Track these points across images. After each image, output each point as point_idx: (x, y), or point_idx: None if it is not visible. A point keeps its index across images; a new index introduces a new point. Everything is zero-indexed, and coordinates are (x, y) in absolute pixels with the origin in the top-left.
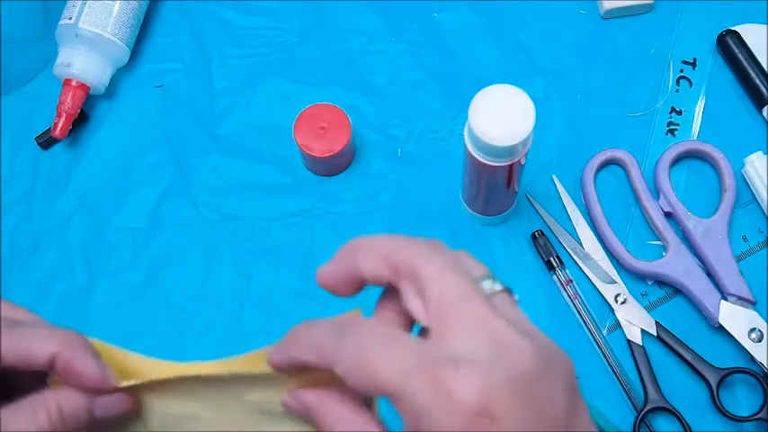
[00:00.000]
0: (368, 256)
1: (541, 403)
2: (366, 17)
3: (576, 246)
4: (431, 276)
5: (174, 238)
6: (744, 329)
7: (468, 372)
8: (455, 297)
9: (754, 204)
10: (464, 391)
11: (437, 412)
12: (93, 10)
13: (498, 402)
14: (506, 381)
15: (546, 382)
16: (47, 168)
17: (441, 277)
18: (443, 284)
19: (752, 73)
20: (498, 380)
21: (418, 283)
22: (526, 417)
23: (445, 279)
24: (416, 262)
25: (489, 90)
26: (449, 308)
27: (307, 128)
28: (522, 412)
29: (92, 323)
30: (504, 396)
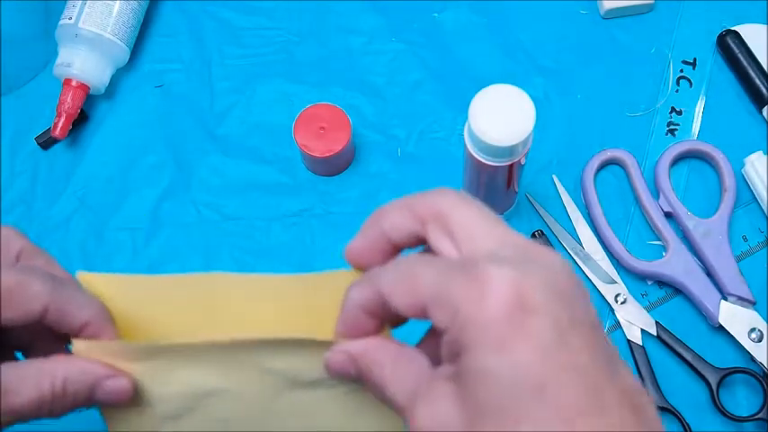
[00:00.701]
0: (391, 215)
1: (576, 307)
2: (366, 17)
3: (576, 246)
4: (453, 210)
5: (174, 238)
6: (744, 329)
7: (503, 265)
8: (481, 222)
9: (754, 204)
10: (498, 282)
11: (471, 305)
12: (93, 10)
13: (533, 296)
14: (540, 279)
15: (578, 290)
16: (47, 168)
17: (463, 209)
18: (467, 214)
19: (752, 73)
20: (533, 276)
21: (442, 220)
22: (562, 315)
23: (468, 209)
24: (437, 203)
25: (489, 90)
26: (478, 232)
27: (307, 128)
28: (557, 309)
29: None
30: (538, 291)
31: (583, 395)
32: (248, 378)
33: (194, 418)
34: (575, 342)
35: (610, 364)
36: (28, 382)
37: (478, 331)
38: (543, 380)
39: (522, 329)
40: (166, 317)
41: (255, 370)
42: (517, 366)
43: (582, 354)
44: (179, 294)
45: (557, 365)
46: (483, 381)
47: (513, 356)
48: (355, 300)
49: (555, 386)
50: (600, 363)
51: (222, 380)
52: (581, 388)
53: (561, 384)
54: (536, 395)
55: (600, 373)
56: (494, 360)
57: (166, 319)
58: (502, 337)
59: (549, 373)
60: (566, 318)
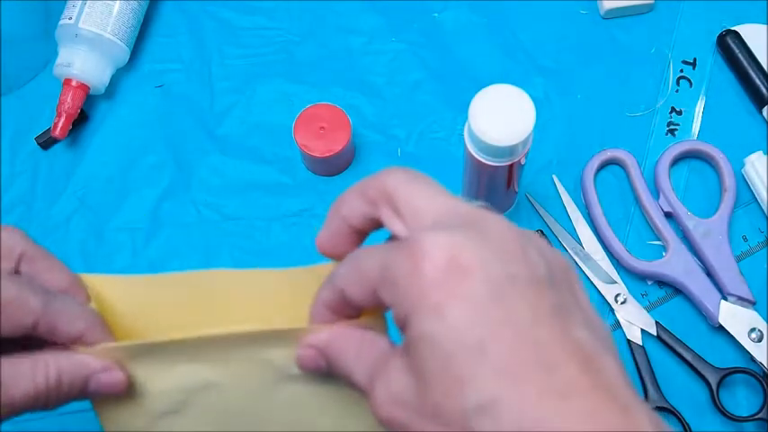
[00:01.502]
0: (348, 202)
1: (518, 264)
2: (366, 17)
3: (576, 246)
4: (398, 188)
5: (174, 238)
6: (744, 329)
7: (437, 232)
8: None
9: (754, 204)
10: (430, 248)
11: (408, 276)
12: (93, 10)
13: (466, 257)
14: (477, 240)
15: (520, 246)
16: (47, 168)
17: (407, 185)
18: (410, 190)
19: (752, 73)
20: (468, 239)
21: (390, 200)
22: (499, 273)
23: (411, 185)
24: (383, 183)
25: (489, 90)
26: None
27: (307, 128)
28: (494, 268)
29: None
30: (472, 252)
31: (524, 352)
32: (242, 371)
33: (189, 412)
34: (515, 299)
35: (559, 321)
36: (23, 375)
37: (416, 299)
38: (481, 339)
39: (457, 291)
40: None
41: (249, 363)
42: (454, 328)
43: (523, 310)
44: (176, 292)
45: (495, 323)
46: (425, 347)
47: (448, 319)
48: (319, 300)
49: (495, 345)
50: (546, 319)
51: (216, 373)
52: (522, 344)
53: (501, 342)
54: (476, 356)
55: (545, 329)
56: (431, 325)
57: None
58: (437, 302)
59: (487, 331)
60: (503, 275)
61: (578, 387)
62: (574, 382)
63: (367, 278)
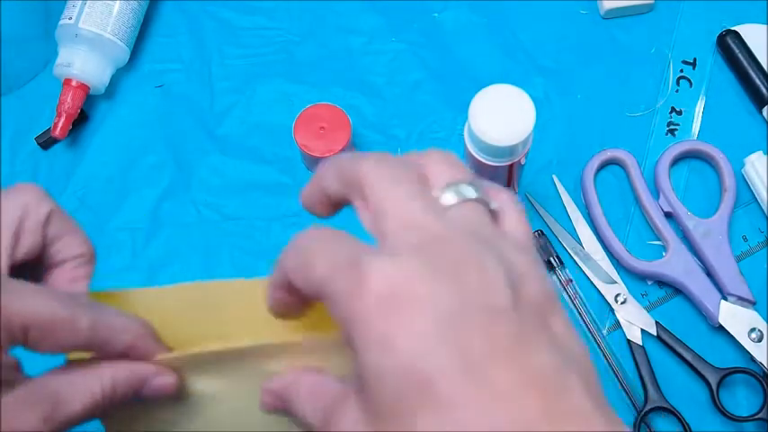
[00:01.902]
0: (328, 175)
1: (472, 290)
2: (366, 17)
3: (576, 246)
4: (372, 185)
5: (174, 238)
6: (744, 329)
7: (387, 256)
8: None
9: (754, 204)
10: (376, 276)
11: (353, 302)
12: (93, 10)
13: (413, 287)
14: (429, 266)
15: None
16: (47, 168)
17: (380, 183)
18: (382, 190)
19: (752, 73)
20: (420, 264)
21: (363, 193)
22: (450, 302)
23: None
24: (360, 175)
25: (489, 90)
26: (388, 209)
27: (307, 128)
28: (445, 296)
29: None
30: (421, 280)
31: (474, 387)
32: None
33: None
34: (466, 331)
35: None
36: (79, 388)
37: (362, 330)
38: (428, 374)
39: (403, 323)
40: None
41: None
42: (401, 363)
43: (475, 342)
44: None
45: (443, 358)
46: (374, 383)
47: (395, 352)
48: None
49: (443, 381)
50: (501, 349)
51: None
52: (472, 379)
53: (449, 378)
54: (423, 391)
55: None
56: (377, 359)
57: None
58: (383, 334)
59: (434, 366)
60: (455, 306)
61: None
62: (528, 412)
63: (311, 279)
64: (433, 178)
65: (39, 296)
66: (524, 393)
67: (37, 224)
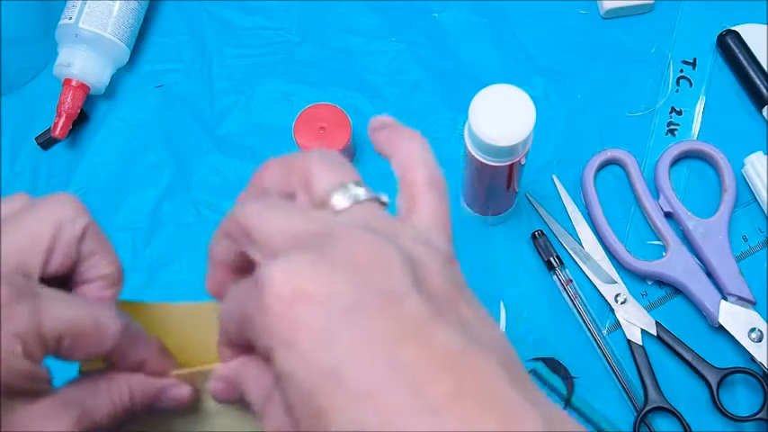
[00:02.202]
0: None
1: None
2: (366, 17)
3: (576, 246)
4: (250, 219)
5: (174, 238)
6: (744, 329)
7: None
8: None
9: (754, 204)
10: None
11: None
12: (93, 10)
13: (309, 281)
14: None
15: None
16: (47, 168)
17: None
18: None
19: (752, 73)
20: (310, 261)
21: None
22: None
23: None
24: (237, 217)
25: (489, 90)
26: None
27: (307, 128)
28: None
29: None
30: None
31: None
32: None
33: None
34: (368, 318)
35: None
36: (102, 398)
37: (268, 334)
38: (336, 367)
39: (303, 320)
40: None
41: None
42: (306, 360)
43: (379, 328)
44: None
45: (347, 347)
46: (286, 384)
47: (299, 351)
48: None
49: (351, 370)
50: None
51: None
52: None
53: (357, 366)
54: (333, 385)
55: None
56: (285, 360)
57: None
58: (287, 334)
59: (340, 357)
60: (353, 296)
61: (449, 398)
62: (444, 393)
63: (234, 317)
64: (318, 183)
65: (72, 304)
66: (437, 375)
67: (72, 240)
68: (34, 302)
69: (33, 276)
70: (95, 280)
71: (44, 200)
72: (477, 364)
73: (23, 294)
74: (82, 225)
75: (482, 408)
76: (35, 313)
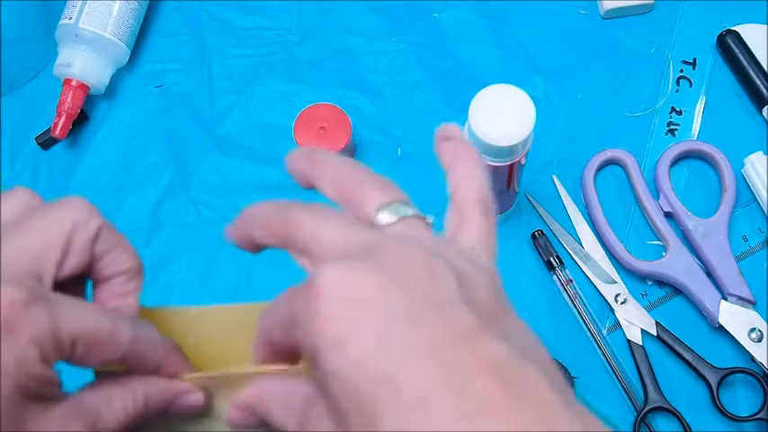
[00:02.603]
0: (253, 226)
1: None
2: (366, 17)
3: (576, 246)
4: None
5: (174, 238)
6: (744, 329)
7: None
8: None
9: (754, 204)
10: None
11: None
12: (93, 10)
13: (363, 286)
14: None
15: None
16: (47, 168)
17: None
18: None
19: (752, 73)
20: (366, 268)
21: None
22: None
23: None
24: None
25: (489, 90)
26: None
27: (307, 128)
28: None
29: None
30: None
31: (433, 377)
32: None
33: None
34: (418, 324)
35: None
36: (116, 405)
37: (318, 336)
38: (388, 371)
39: (356, 324)
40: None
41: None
42: (358, 362)
43: (428, 335)
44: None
45: (399, 352)
46: (333, 385)
47: (351, 353)
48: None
49: (402, 374)
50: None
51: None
52: (430, 370)
53: (408, 371)
54: (383, 386)
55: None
56: (335, 361)
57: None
58: (338, 336)
59: (393, 362)
60: (404, 302)
61: (493, 404)
62: (489, 399)
63: (281, 321)
64: (367, 199)
65: (86, 310)
66: (485, 380)
67: (86, 242)
68: (49, 307)
69: (47, 280)
70: (115, 276)
71: (56, 203)
72: (523, 373)
73: (39, 298)
74: (95, 226)
75: (529, 416)
76: (52, 318)
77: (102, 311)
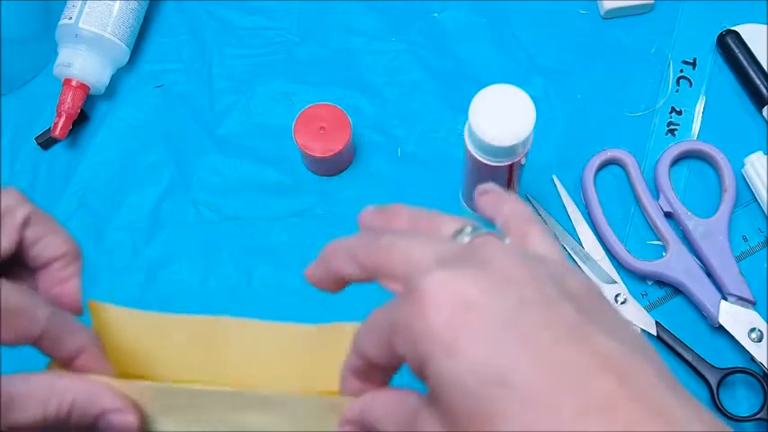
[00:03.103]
0: (338, 260)
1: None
2: (366, 17)
3: (576, 246)
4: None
5: (173, 238)
6: (744, 329)
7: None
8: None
9: (754, 204)
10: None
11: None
12: (93, 10)
13: (469, 292)
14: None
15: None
16: (47, 168)
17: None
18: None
19: (752, 73)
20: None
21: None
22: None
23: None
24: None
25: (489, 90)
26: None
27: (307, 128)
28: (499, 297)
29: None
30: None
31: (550, 374)
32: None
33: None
34: (528, 323)
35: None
36: (35, 399)
37: (428, 343)
38: (502, 371)
39: (466, 327)
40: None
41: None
42: (471, 364)
43: (540, 332)
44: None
45: (512, 351)
46: (446, 390)
47: (464, 356)
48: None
49: (517, 374)
50: (566, 336)
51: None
52: (547, 367)
53: (523, 370)
54: (500, 388)
55: (568, 347)
56: (447, 365)
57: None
58: (449, 341)
59: (506, 361)
60: (512, 302)
61: (616, 400)
62: (610, 395)
63: (380, 335)
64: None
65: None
66: (601, 377)
67: (13, 227)
68: None
69: None
70: (52, 261)
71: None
72: (633, 365)
73: None
74: (23, 213)
75: (645, 409)
76: None
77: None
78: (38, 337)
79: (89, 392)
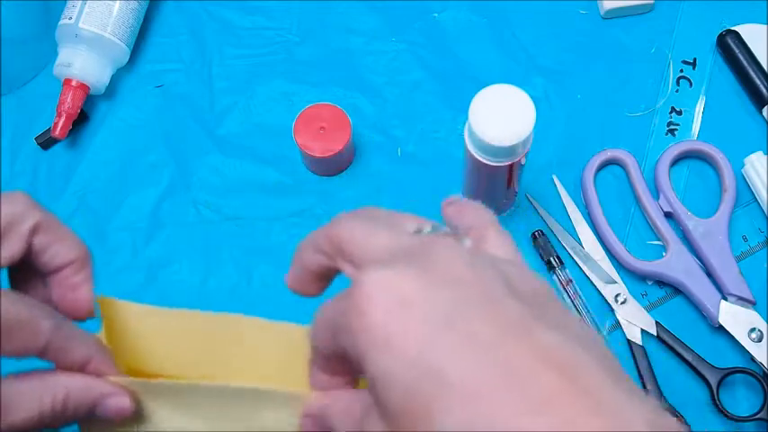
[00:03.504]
0: (306, 252)
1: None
2: (366, 17)
3: (576, 246)
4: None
5: (173, 238)
6: (744, 329)
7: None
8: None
9: (754, 204)
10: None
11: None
12: (93, 10)
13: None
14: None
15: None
16: (47, 168)
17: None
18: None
19: (752, 73)
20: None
21: (341, 249)
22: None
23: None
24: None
25: (489, 90)
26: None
27: (307, 128)
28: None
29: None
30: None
31: (490, 370)
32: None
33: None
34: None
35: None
36: (29, 397)
37: (366, 340)
38: (440, 366)
39: (403, 323)
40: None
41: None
42: (408, 360)
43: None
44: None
45: (451, 348)
46: (383, 386)
47: (400, 352)
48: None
49: (456, 369)
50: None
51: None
52: (486, 363)
53: (461, 366)
54: (437, 384)
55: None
56: (384, 361)
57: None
58: (385, 337)
59: (444, 357)
60: (452, 299)
61: (556, 395)
62: (551, 390)
63: (326, 329)
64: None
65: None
66: (542, 373)
67: (22, 235)
68: None
69: None
70: (62, 268)
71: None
72: (577, 360)
73: None
74: (32, 222)
75: (587, 406)
76: None
77: (22, 299)
78: (42, 349)
79: (82, 382)
